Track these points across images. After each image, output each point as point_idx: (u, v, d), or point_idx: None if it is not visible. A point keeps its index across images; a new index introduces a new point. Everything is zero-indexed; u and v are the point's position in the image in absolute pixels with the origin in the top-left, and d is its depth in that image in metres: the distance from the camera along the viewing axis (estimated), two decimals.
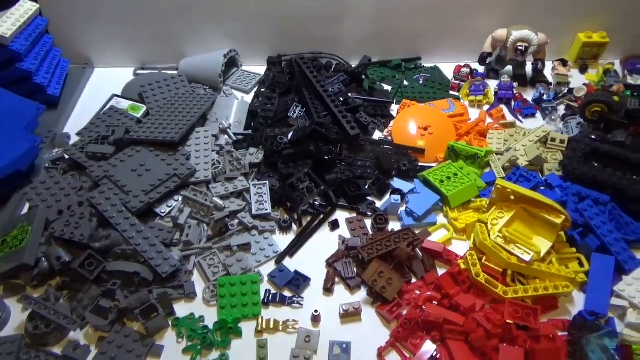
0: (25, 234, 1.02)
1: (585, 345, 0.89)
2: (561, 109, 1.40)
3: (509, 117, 1.39)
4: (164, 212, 1.11)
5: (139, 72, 1.56)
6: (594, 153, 1.14)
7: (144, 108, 1.36)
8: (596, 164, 1.14)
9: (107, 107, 1.38)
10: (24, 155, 1.15)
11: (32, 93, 1.34)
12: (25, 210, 1.16)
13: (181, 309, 0.99)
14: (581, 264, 1.03)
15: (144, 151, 1.19)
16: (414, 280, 1.03)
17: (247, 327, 0.96)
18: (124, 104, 1.38)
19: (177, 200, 1.13)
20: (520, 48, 1.40)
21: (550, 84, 1.48)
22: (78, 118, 1.40)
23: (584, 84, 1.44)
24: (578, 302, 1.00)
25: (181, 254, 1.05)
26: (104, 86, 1.48)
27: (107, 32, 1.50)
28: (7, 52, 1.27)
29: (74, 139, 1.32)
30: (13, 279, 1.02)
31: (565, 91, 1.44)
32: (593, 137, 1.16)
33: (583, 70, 1.55)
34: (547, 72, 1.51)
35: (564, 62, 1.50)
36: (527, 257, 0.98)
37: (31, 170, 1.21)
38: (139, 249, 1.01)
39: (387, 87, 1.50)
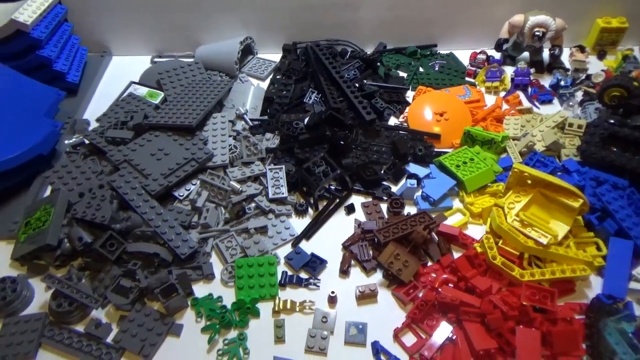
0: (47, 215, 1.04)
1: (603, 329, 0.89)
2: (579, 95, 1.39)
3: (526, 103, 1.38)
4: (182, 196, 1.13)
5: (156, 59, 1.58)
6: (613, 137, 1.13)
7: (161, 94, 1.38)
8: (615, 149, 1.13)
9: (126, 93, 1.40)
10: (46, 140, 1.17)
11: (52, 80, 1.37)
12: (47, 193, 1.19)
13: (200, 290, 1.01)
14: (599, 248, 1.02)
15: (162, 136, 1.21)
16: (429, 263, 1.04)
17: (265, 308, 0.98)
18: (142, 90, 1.40)
19: (195, 184, 1.15)
20: (537, 34, 1.38)
21: (568, 70, 1.47)
22: (97, 105, 1.43)
23: (602, 70, 1.42)
24: (595, 286, 0.99)
25: (199, 236, 1.07)
26: (122, 74, 1.50)
27: (124, 20, 1.52)
28: (28, 39, 1.30)
29: (94, 125, 1.35)
30: (37, 259, 1.05)
31: (583, 77, 1.43)
32: (612, 121, 1.15)
33: (601, 56, 1.53)
34: (565, 59, 1.50)
35: (581, 48, 1.48)
36: (544, 240, 0.98)
37: (52, 154, 1.23)
38: (158, 231, 1.03)
39: (403, 74, 1.49)
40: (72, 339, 0.92)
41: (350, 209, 1.14)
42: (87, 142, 1.26)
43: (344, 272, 1.03)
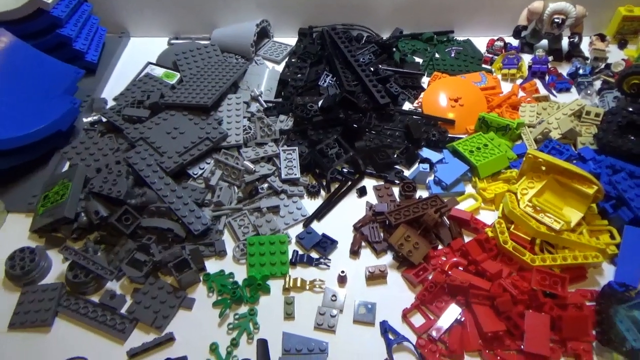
0: (65, 189, 1.06)
1: (614, 315, 0.89)
2: (597, 84, 1.37)
3: (543, 91, 1.36)
4: (197, 174, 1.14)
5: (172, 41, 1.59)
6: (631, 125, 1.12)
7: (177, 75, 1.39)
8: (632, 137, 1.11)
9: (143, 74, 1.41)
10: (65, 116, 1.19)
11: (72, 59, 1.38)
12: (65, 168, 1.21)
13: (212, 266, 1.02)
14: (612, 237, 1.01)
15: (178, 115, 1.22)
16: (440, 246, 1.04)
17: (275, 285, 0.99)
18: (159, 71, 1.41)
19: (209, 163, 1.16)
20: (557, 21, 1.36)
21: (587, 58, 1.45)
22: (114, 84, 1.45)
23: (622, 60, 1.40)
24: (607, 274, 0.99)
25: (212, 214, 1.08)
26: (139, 54, 1.52)
27: (143, 2, 1.53)
28: (49, 18, 1.31)
29: (111, 104, 1.36)
30: (54, 232, 1.07)
31: (602, 66, 1.41)
32: (630, 109, 1.13)
33: (622, 45, 1.50)
34: (584, 47, 1.48)
35: (602, 37, 1.46)
36: (556, 226, 0.97)
37: (71, 131, 1.26)
38: (172, 207, 1.05)
39: (419, 60, 1.49)
40: (87, 308, 0.95)
41: (362, 192, 1.14)
42: (104, 119, 1.27)
43: (355, 252, 1.03)
